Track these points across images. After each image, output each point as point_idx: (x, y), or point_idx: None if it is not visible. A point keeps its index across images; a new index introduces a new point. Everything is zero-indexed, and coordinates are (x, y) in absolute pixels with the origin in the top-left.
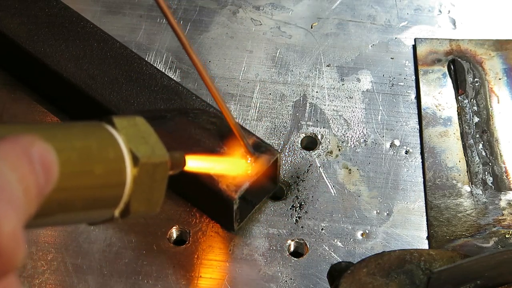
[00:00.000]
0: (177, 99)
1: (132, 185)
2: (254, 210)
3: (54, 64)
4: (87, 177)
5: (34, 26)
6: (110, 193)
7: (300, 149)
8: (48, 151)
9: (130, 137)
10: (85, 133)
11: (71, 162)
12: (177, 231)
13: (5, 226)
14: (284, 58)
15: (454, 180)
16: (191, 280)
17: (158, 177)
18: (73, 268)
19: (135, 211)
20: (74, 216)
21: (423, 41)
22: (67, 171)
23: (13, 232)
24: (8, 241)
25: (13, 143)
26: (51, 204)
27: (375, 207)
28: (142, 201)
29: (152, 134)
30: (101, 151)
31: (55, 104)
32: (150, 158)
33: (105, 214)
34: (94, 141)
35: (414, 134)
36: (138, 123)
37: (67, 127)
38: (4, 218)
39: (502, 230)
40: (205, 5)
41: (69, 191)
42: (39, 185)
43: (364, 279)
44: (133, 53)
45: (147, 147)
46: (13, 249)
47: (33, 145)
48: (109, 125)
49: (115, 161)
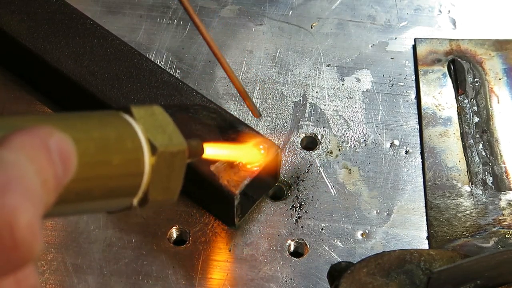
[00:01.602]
0: (177, 95)
1: (150, 174)
2: (254, 207)
3: (54, 61)
4: (105, 167)
5: (34, 23)
6: (129, 182)
7: (300, 149)
8: (66, 142)
9: (148, 126)
10: (103, 122)
11: (89, 152)
12: (177, 231)
13: (22, 218)
14: (284, 58)
15: (454, 180)
16: (191, 280)
17: (176, 165)
18: (73, 268)
19: (154, 200)
20: (93, 205)
21: (423, 41)
22: (86, 161)
23: (30, 224)
24: (25, 233)
25: (31, 135)
26: (70, 194)
27: (375, 207)
28: (160, 190)
29: (169, 123)
30: (119, 140)
31: (55, 101)
32: (168, 147)
33: (123, 203)
34: (112, 131)
35: (414, 134)
36: (156, 112)
37: (85, 117)
38: (21, 210)
39: (502, 230)
40: (205, 5)
41: (88, 181)
42: (57, 176)
43: (364, 279)
44: (133, 49)
45: (165, 136)
46: (31, 241)
47: (51, 136)
48: (127, 114)
49: (133, 151)
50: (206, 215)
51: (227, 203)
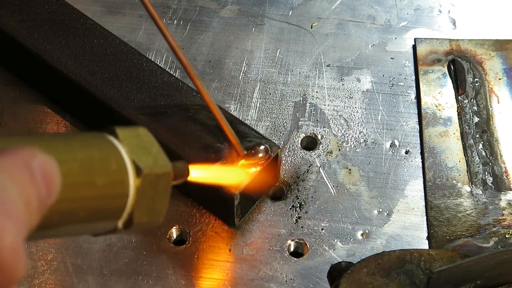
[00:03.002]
0: (177, 95)
1: (135, 196)
2: (254, 207)
3: (54, 61)
4: (89, 188)
5: (34, 23)
6: (113, 204)
7: (300, 149)
8: (50, 163)
9: (132, 147)
10: (87, 144)
11: (73, 173)
12: (177, 231)
13: (5, 240)
14: (284, 58)
15: (454, 180)
16: (191, 280)
17: (161, 187)
18: (73, 268)
19: (138, 222)
20: (77, 228)
21: (423, 41)
22: (69, 182)
23: (13, 246)
24: (8, 255)
25: (14, 156)
26: (54, 215)
27: (375, 207)
28: (145, 212)
29: (154, 145)
30: (104, 162)
31: (55, 101)
32: (153, 169)
33: (108, 225)
34: (96, 152)
35: (414, 134)
36: (141, 133)
37: (69, 138)
38: (4, 232)
39: (502, 230)
40: (205, 5)
41: (72, 203)
42: (41, 197)
43: (364, 279)
44: (133, 49)
45: (150, 157)
46: (14, 263)
47: (34, 157)
48: (111, 136)
49: (117, 172)
50: (206, 215)
51: (227, 203)
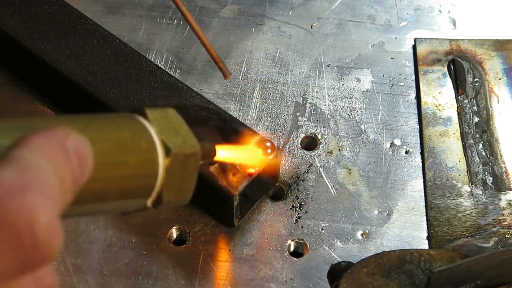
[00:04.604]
0: (177, 96)
1: (164, 175)
2: (254, 207)
3: (54, 61)
4: (120, 167)
5: (33, 24)
6: (143, 183)
7: (300, 149)
8: (83, 143)
9: (162, 128)
10: (118, 124)
11: (105, 153)
12: (177, 231)
13: (42, 217)
14: (284, 58)
15: (454, 180)
16: (191, 280)
17: (189, 167)
18: (73, 268)
19: (167, 201)
20: (109, 205)
21: (423, 41)
22: (101, 161)
23: (50, 223)
24: (45, 232)
25: (49, 136)
26: (86, 194)
27: (375, 207)
28: (174, 191)
29: (183, 125)
30: (134, 142)
31: (55, 101)
32: (182, 149)
33: (138, 203)
34: (127, 132)
35: (414, 134)
36: (170, 114)
37: (101, 118)
38: (41, 209)
39: (502, 230)
40: (205, 5)
41: (104, 181)
42: (75, 176)
43: (364, 279)
44: (132, 50)
45: (179, 138)
46: (50, 240)
47: (68, 137)
48: (141, 116)
49: (147, 152)
50: (206, 215)
51: (227, 204)
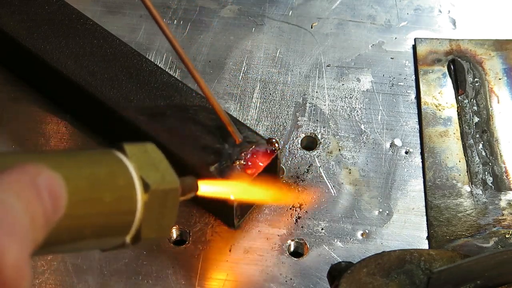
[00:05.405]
0: (177, 96)
1: (143, 212)
2: (254, 207)
3: (54, 61)
4: (97, 204)
5: (33, 24)
6: (121, 220)
7: (300, 149)
8: (56, 180)
9: (140, 164)
10: (95, 160)
11: (80, 190)
12: (177, 231)
13: (8, 258)
14: (284, 58)
15: (454, 180)
16: (191, 280)
17: (169, 203)
18: (73, 268)
19: (146, 237)
20: (85, 244)
21: (423, 41)
22: (76, 199)
23: (17, 264)
24: (12, 273)
25: (19, 172)
26: (61, 232)
27: (375, 207)
28: (153, 227)
29: (162, 161)
30: (111, 178)
31: (55, 101)
32: (161, 185)
33: (116, 241)
34: (104, 168)
35: (414, 134)
36: (149, 150)
37: (77, 155)
38: (7, 250)
39: (502, 230)
40: (205, 5)
41: (79, 219)
42: (47, 214)
43: (364, 279)
44: (132, 50)
45: (158, 173)
46: (17, 280)
47: (39, 174)
48: (119, 152)
49: (125, 188)
50: (206, 215)
51: (227, 204)
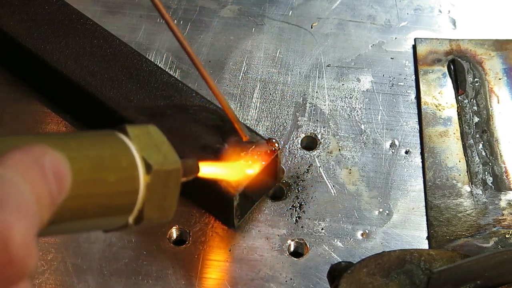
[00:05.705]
0: (177, 96)
1: (145, 192)
2: (254, 207)
3: (54, 61)
4: (100, 185)
5: (33, 24)
6: (124, 201)
7: (300, 149)
8: (61, 160)
9: (142, 145)
10: (98, 142)
11: (84, 170)
12: (177, 231)
13: (17, 234)
14: (284, 58)
15: (454, 180)
16: (191, 280)
17: (171, 184)
18: (73, 268)
19: (149, 218)
20: (88, 224)
21: (423, 41)
22: (80, 179)
23: (25, 240)
24: (20, 250)
25: (25, 153)
26: (65, 211)
27: (375, 207)
28: (155, 208)
29: (164, 142)
30: (114, 159)
31: (55, 101)
32: (163, 165)
33: (119, 221)
34: (107, 150)
35: (414, 134)
36: (151, 131)
37: (80, 136)
38: (16, 227)
39: (502, 230)
40: (205, 5)
41: (82, 199)
42: (52, 194)
43: (364, 279)
44: (132, 50)
45: (160, 154)
46: (25, 257)
47: (45, 155)
48: (122, 133)
49: (128, 169)
50: (206, 215)
51: (226, 204)
